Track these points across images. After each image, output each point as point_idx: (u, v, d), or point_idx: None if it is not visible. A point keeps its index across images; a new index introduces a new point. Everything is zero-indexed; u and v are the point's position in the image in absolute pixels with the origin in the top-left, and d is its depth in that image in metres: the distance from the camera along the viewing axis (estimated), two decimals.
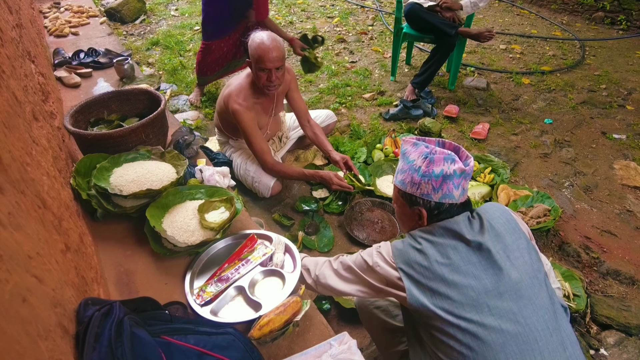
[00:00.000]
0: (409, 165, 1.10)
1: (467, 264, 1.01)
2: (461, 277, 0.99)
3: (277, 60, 1.97)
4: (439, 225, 1.07)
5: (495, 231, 1.06)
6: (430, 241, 1.05)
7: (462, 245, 1.03)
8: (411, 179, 1.09)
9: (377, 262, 1.12)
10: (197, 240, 1.51)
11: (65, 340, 0.76)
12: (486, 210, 1.12)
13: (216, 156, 2.36)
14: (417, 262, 1.04)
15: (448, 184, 1.05)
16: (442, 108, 3.39)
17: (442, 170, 1.04)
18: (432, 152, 1.07)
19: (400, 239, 1.15)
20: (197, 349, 1.04)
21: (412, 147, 1.12)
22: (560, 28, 5.23)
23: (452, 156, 1.06)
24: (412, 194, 1.10)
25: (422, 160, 1.07)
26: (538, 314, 0.98)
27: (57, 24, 4.14)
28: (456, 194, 1.07)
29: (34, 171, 1.07)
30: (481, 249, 1.02)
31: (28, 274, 0.68)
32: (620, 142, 3.05)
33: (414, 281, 1.03)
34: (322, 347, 1.23)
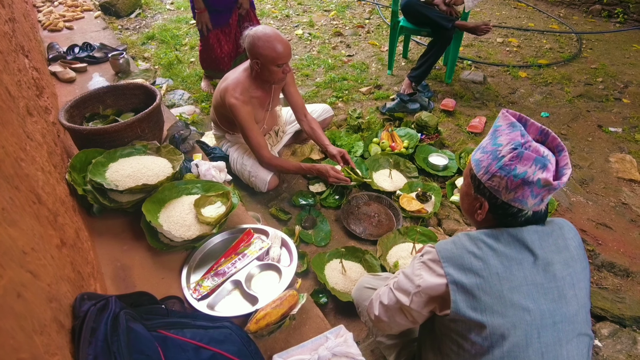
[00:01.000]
0: (493, 148, 0.93)
1: (529, 284, 0.89)
2: (520, 298, 0.88)
3: (290, 51, 2.00)
4: (508, 232, 0.93)
5: (570, 254, 0.94)
6: (493, 249, 0.91)
7: (528, 261, 0.91)
8: (488, 164, 0.93)
9: (420, 273, 0.98)
10: (194, 234, 1.51)
11: (61, 334, 0.76)
12: (562, 227, 0.98)
13: (212, 151, 2.35)
14: (474, 270, 0.90)
15: (525, 190, 0.89)
16: (439, 102, 3.39)
17: (526, 173, 0.88)
18: (526, 145, 0.90)
19: (448, 240, 1.00)
20: (194, 342, 1.04)
21: (508, 128, 0.94)
22: (558, 21, 5.22)
23: (546, 160, 0.88)
24: (482, 181, 0.95)
25: (510, 150, 0.90)
26: (582, 353, 0.92)
27: (51, 18, 4.10)
28: (530, 202, 0.91)
29: (28, 166, 1.06)
30: (548, 270, 0.91)
31: (23, 270, 0.68)
32: (617, 135, 3.06)
33: (464, 291, 0.90)
34: (318, 340, 1.24)
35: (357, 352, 1.20)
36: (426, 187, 2.43)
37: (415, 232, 2.07)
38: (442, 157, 2.67)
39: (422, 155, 2.69)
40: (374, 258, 1.96)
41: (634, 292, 1.94)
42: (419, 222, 2.24)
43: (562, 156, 0.92)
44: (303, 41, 4.58)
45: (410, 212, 2.25)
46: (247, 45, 2.00)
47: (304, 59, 4.16)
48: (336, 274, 1.87)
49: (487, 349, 0.88)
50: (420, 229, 2.11)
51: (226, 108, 2.11)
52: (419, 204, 2.28)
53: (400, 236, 2.10)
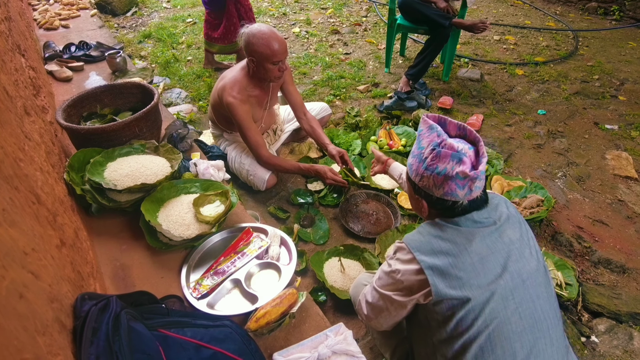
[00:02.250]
0: (419, 152, 1.03)
1: (494, 252, 0.97)
2: (491, 266, 0.95)
3: (286, 49, 2.00)
4: (465, 217, 1.00)
5: (515, 218, 1.04)
6: (456, 229, 0.99)
7: (487, 232, 0.98)
8: (417, 167, 1.03)
9: (396, 268, 1.03)
10: (193, 233, 1.51)
11: (62, 335, 0.76)
12: (499, 199, 1.08)
13: (210, 149, 2.35)
14: (444, 251, 0.96)
15: (450, 184, 0.97)
16: (436, 99, 3.39)
17: (445, 169, 0.96)
18: (442, 144, 0.98)
19: (413, 232, 1.07)
20: (194, 341, 1.04)
21: (427, 131, 1.03)
22: (554, 18, 5.23)
23: (461, 154, 0.96)
24: (416, 183, 1.04)
25: (430, 151, 0.99)
26: (550, 302, 0.98)
27: (46, 16, 4.09)
28: (460, 194, 0.98)
29: (27, 167, 1.06)
30: (503, 236, 0.99)
31: (24, 270, 0.68)
32: (613, 133, 3.08)
33: (440, 272, 0.95)
34: (318, 338, 1.24)
35: (357, 349, 1.21)
36: None
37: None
38: None
39: None
40: (373, 256, 1.97)
41: (630, 289, 1.96)
42: (417, 220, 2.25)
43: (480, 146, 1.00)
44: (300, 39, 4.57)
45: (408, 210, 2.26)
46: (243, 43, 2.00)
47: (301, 57, 4.15)
48: (335, 272, 1.87)
49: (471, 322, 0.93)
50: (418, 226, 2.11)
51: (224, 107, 2.11)
52: None
53: (399, 234, 2.11)
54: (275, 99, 2.37)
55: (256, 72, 2.07)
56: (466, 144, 1.00)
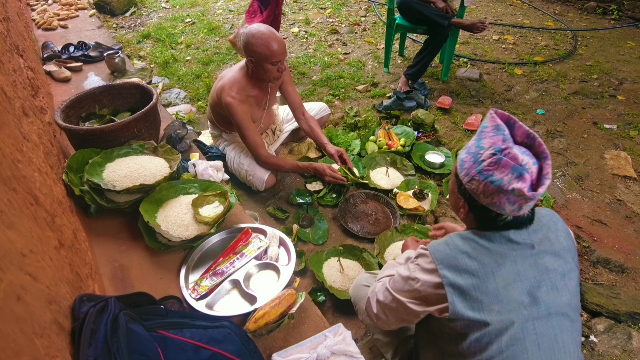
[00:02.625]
0: (476, 151, 0.92)
1: (523, 279, 0.90)
2: (516, 294, 0.89)
3: (285, 49, 2.00)
4: (500, 234, 0.93)
5: (560, 245, 0.96)
6: (486, 248, 0.92)
7: (520, 256, 0.92)
8: (469, 166, 0.93)
9: (416, 276, 0.98)
10: (192, 234, 1.51)
11: (61, 337, 0.76)
12: (550, 219, 0.99)
13: (209, 150, 2.35)
14: (469, 270, 0.90)
15: (501, 197, 0.88)
16: (435, 99, 3.39)
17: (502, 180, 0.86)
18: (505, 151, 0.87)
19: (443, 238, 0.99)
20: (193, 342, 1.04)
21: (492, 130, 0.92)
22: (553, 18, 5.23)
23: (523, 169, 0.85)
24: (463, 182, 0.95)
25: (490, 155, 0.89)
26: (573, 337, 0.93)
27: (45, 16, 4.08)
28: (508, 209, 0.90)
29: (25, 168, 1.06)
30: (539, 264, 0.92)
31: (22, 272, 0.68)
32: (612, 132, 3.08)
33: (461, 291, 0.90)
34: (317, 339, 1.24)
35: (356, 350, 1.21)
36: (423, 184, 2.44)
37: (413, 230, 2.08)
38: (438, 154, 2.67)
39: (419, 153, 2.70)
40: (372, 256, 1.97)
41: (629, 288, 1.96)
42: (416, 220, 2.25)
43: (545, 163, 0.89)
44: (299, 39, 4.57)
45: (407, 209, 2.26)
46: (242, 43, 2.00)
47: (300, 57, 4.15)
48: (334, 272, 1.87)
49: (485, 345, 0.89)
50: (417, 226, 2.12)
51: (223, 107, 2.10)
52: (416, 202, 2.29)
53: (398, 234, 2.11)
54: (274, 99, 2.37)
55: (255, 72, 2.06)
56: (531, 158, 0.89)
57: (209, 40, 4.48)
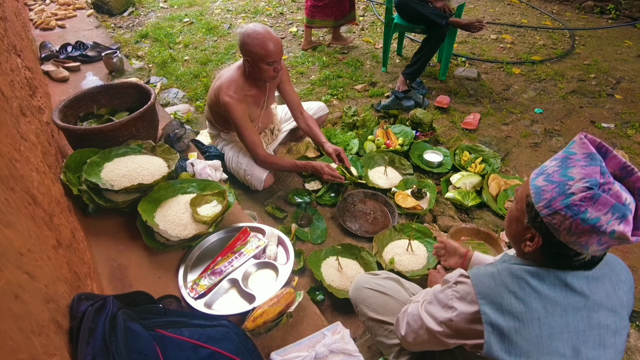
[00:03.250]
0: (561, 180, 0.80)
1: (571, 331, 0.83)
2: (559, 345, 0.82)
3: (281, 49, 2.00)
4: (555, 275, 0.84)
5: (619, 300, 0.87)
6: (537, 291, 0.83)
7: (573, 307, 0.83)
8: (552, 197, 0.80)
9: (452, 304, 0.91)
10: (190, 233, 1.51)
11: (59, 335, 0.76)
12: (613, 268, 0.89)
13: (208, 149, 2.35)
14: (513, 312, 0.83)
15: (592, 237, 0.77)
16: (433, 98, 3.40)
17: (599, 219, 0.75)
18: (606, 187, 0.76)
19: (488, 267, 0.91)
20: (192, 341, 1.05)
21: (585, 159, 0.79)
22: (551, 17, 5.24)
23: (627, 209, 0.75)
24: (540, 214, 0.83)
25: (584, 188, 0.76)
26: None
27: (42, 16, 4.07)
28: (592, 249, 0.80)
29: (23, 167, 1.06)
30: (592, 317, 0.84)
31: (20, 271, 0.68)
32: (609, 131, 3.09)
33: (500, 333, 0.83)
34: (315, 337, 1.25)
35: (354, 348, 1.21)
36: (421, 184, 2.44)
37: (411, 229, 2.09)
38: (436, 154, 2.68)
39: (417, 152, 2.71)
40: (370, 255, 1.97)
41: None
42: (414, 219, 2.26)
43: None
44: (297, 39, 4.57)
45: (406, 209, 2.26)
46: (238, 43, 2.00)
47: (298, 56, 4.15)
48: (332, 271, 1.88)
49: None
50: (415, 225, 2.12)
51: (221, 106, 2.10)
52: (414, 201, 2.29)
53: (396, 233, 2.12)
54: (272, 99, 2.37)
55: (251, 72, 2.07)
56: (630, 196, 0.77)
57: (207, 40, 4.48)
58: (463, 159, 2.66)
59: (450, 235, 2.09)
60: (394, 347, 1.30)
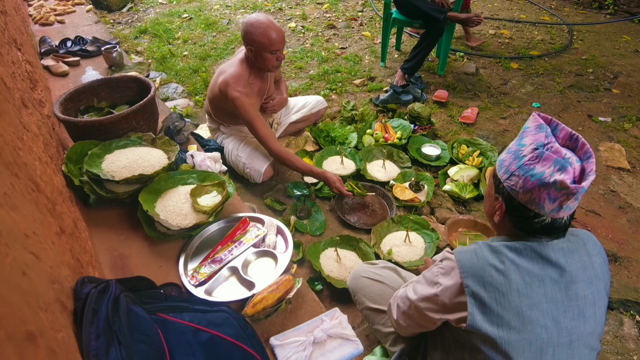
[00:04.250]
0: (517, 149, 0.92)
1: (549, 301, 0.87)
2: (539, 316, 0.86)
3: (283, 38, 2.03)
4: (532, 248, 0.90)
5: (594, 271, 0.92)
6: (515, 264, 0.88)
7: (550, 278, 0.88)
8: (509, 164, 0.92)
9: (438, 280, 0.97)
10: (190, 223, 1.53)
11: (64, 315, 0.79)
12: (586, 242, 0.95)
13: (207, 143, 2.36)
14: (494, 284, 0.87)
15: (542, 192, 0.85)
16: (431, 93, 3.42)
17: (543, 173, 0.84)
18: (548, 146, 0.87)
19: (471, 246, 0.96)
20: (192, 325, 1.07)
21: (535, 129, 0.91)
22: (549, 12, 5.25)
23: (566, 162, 0.84)
24: (501, 180, 0.93)
25: (531, 150, 0.88)
26: None
27: (42, 12, 4.07)
28: (547, 207, 0.86)
29: (26, 155, 1.08)
30: (570, 288, 0.89)
31: (26, 251, 0.70)
32: (606, 125, 3.11)
33: (482, 304, 0.88)
34: (314, 323, 1.27)
35: (352, 333, 1.23)
36: (419, 176, 2.46)
37: (409, 221, 2.11)
38: (434, 147, 2.70)
39: (415, 146, 2.73)
40: (368, 246, 2.00)
41: (622, 277, 1.99)
42: (412, 211, 2.28)
43: (589, 162, 0.87)
44: (296, 34, 4.58)
45: (404, 201, 2.29)
46: (242, 32, 2.02)
47: (297, 51, 4.16)
48: (331, 262, 1.90)
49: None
50: (413, 217, 2.14)
51: (226, 101, 2.11)
52: (412, 194, 2.31)
53: (394, 225, 2.14)
54: (272, 88, 2.38)
55: (254, 62, 2.09)
56: (574, 156, 0.88)
57: (206, 36, 4.48)
58: (461, 152, 2.68)
59: (448, 227, 2.11)
60: (390, 334, 1.33)
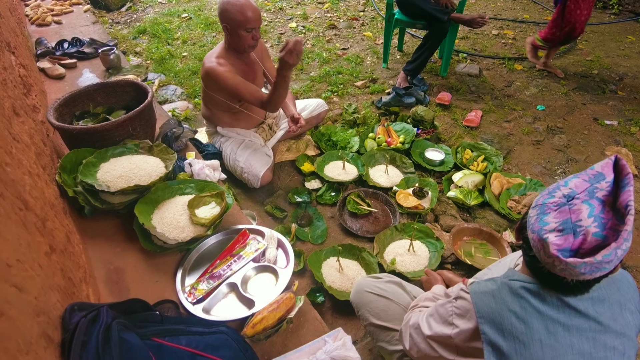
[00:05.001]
0: (559, 183, 0.81)
1: (576, 353, 0.80)
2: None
3: (259, 17, 2.01)
4: (558, 297, 0.81)
5: (625, 321, 0.84)
6: (539, 311, 0.80)
7: (577, 328, 0.80)
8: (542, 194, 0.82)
9: (453, 321, 0.90)
10: (188, 236, 1.48)
11: (49, 350, 0.73)
12: (619, 288, 0.86)
13: (205, 148, 2.31)
14: (514, 333, 0.80)
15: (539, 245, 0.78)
16: (434, 95, 3.36)
17: (548, 224, 0.77)
18: (574, 202, 0.75)
19: (488, 284, 0.88)
20: (189, 350, 1.02)
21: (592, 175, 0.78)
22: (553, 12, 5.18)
23: (576, 227, 0.74)
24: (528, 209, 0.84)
25: (562, 194, 0.78)
26: None
27: (38, 12, 4.02)
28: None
29: (14, 171, 1.03)
30: (597, 339, 0.81)
31: (7, 284, 0.65)
32: (612, 128, 3.05)
33: (500, 354, 0.81)
34: (316, 344, 1.22)
35: (356, 355, 1.18)
36: (423, 182, 2.41)
37: (412, 229, 2.06)
38: (438, 152, 2.65)
39: (419, 150, 2.67)
40: (371, 256, 1.94)
41: None
42: (416, 219, 2.22)
43: (614, 244, 0.70)
44: (297, 34, 4.52)
45: (407, 208, 2.23)
46: (218, 9, 2.01)
47: None
48: (333, 272, 1.85)
49: None
50: (417, 225, 2.09)
51: (210, 85, 2.09)
52: (416, 200, 2.26)
53: (397, 233, 2.09)
54: (261, 79, 2.35)
55: (231, 42, 2.06)
56: (600, 228, 0.72)
57: (205, 36, 4.42)
58: (465, 157, 2.63)
59: (452, 235, 2.06)
60: (395, 353, 1.28)
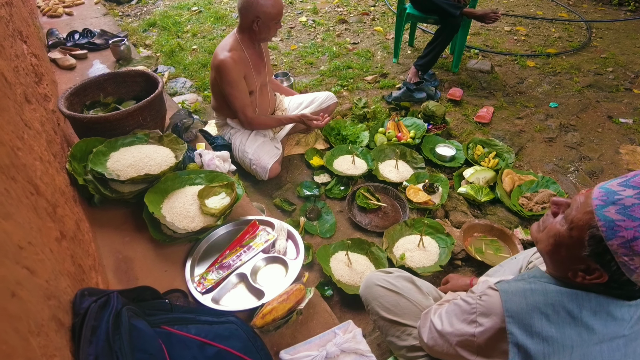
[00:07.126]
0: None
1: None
2: None
3: None
4: (598, 301, 0.77)
5: None
6: (573, 316, 0.76)
7: (610, 335, 0.77)
8: (633, 237, 0.68)
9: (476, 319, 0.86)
10: (198, 226, 1.47)
11: (60, 334, 0.73)
12: None
13: (215, 140, 2.30)
14: (543, 336, 0.76)
15: None
16: (445, 91, 3.32)
17: None
18: None
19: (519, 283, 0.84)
20: (198, 339, 1.01)
21: None
22: (566, 9, 5.10)
23: None
24: (612, 252, 0.71)
25: None
26: None
27: (50, 3, 4.03)
28: None
29: (25, 156, 1.02)
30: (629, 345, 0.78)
31: (18, 266, 0.64)
32: (627, 127, 3.00)
33: (526, 355, 0.77)
34: (326, 336, 1.21)
35: (366, 348, 1.17)
36: (433, 178, 2.38)
37: (422, 224, 2.03)
38: (449, 147, 2.61)
39: (429, 146, 2.64)
40: (380, 250, 1.93)
41: None
42: (426, 214, 2.20)
43: None
44: (307, 28, 4.49)
45: (417, 203, 2.21)
46: (244, 4, 1.99)
47: (307, 46, 4.08)
48: (342, 266, 1.83)
49: None
50: (427, 220, 2.07)
51: (216, 72, 2.08)
52: (426, 196, 2.23)
53: (407, 228, 2.06)
54: (270, 69, 2.36)
55: (258, 33, 2.06)
56: None
57: (215, 29, 4.41)
58: (476, 153, 2.60)
59: (463, 231, 2.03)
60: (404, 348, 1.26)
